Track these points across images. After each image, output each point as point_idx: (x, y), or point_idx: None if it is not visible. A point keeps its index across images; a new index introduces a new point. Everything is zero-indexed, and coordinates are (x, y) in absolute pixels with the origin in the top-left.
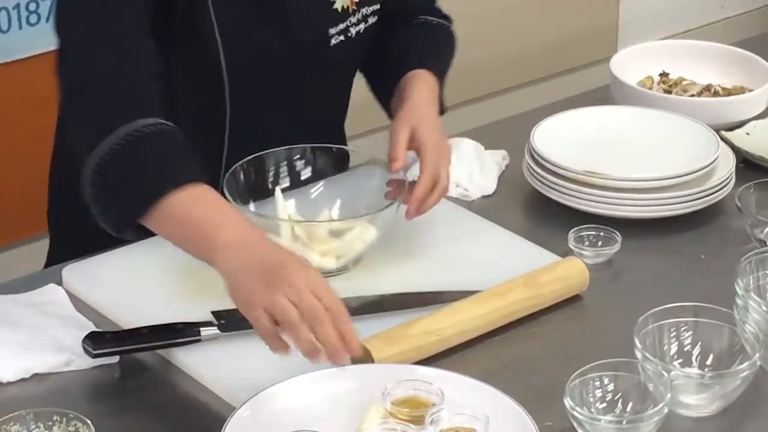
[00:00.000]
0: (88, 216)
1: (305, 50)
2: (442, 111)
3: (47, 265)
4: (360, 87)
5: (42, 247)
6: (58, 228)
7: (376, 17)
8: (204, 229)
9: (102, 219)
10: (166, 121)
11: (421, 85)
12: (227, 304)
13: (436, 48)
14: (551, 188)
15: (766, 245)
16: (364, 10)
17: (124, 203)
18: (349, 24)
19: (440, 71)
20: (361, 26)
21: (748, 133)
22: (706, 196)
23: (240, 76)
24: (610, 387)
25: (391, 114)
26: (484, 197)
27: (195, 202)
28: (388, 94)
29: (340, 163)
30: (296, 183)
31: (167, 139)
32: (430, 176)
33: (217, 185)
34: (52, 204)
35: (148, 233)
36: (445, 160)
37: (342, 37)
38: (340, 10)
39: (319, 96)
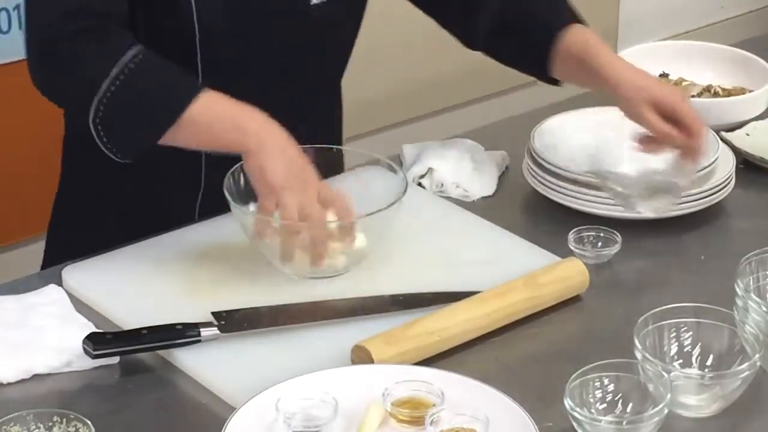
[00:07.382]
0: (90, 226)
1: (281, 8)
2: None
3: (44, 267)
4: (358, 88)
5: (41, 247)
6: (58, 234)
7: None
8: (232, 122)
9: (116, 150)
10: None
11: (595, 42)
12: (227, 305)
13: None
14: (551, 189)
15: None
16: None
17: (142, 128)
18: None
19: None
20: None
21: (748, 134)
22: (706, 197)
23: (213, 44)
24: (611, 387)
25: (548, 75)
26: (484, 197)
27: (212, 104)
28: (524, 56)
29: (339, 164)
30: None
31: (159, 60)
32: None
33: (195, 166)
34: (56, 211)
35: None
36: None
37: None
38: None
39: (302, 67)
